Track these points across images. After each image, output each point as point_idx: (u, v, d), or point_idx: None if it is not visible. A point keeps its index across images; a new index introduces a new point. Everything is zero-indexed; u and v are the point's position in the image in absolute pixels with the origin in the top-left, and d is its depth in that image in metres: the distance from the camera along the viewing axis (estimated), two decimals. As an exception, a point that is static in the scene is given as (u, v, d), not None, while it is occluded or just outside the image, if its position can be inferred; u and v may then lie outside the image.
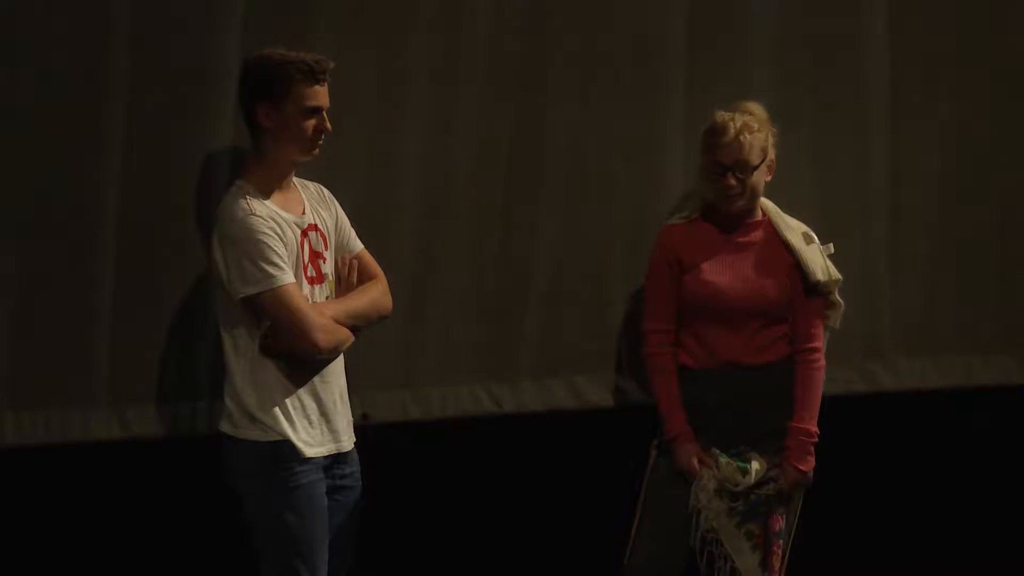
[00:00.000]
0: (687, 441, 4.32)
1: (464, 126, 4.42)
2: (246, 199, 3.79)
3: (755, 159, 4.29)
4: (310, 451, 3.86)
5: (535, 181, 4.53)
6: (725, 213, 4.37)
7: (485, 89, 4.43)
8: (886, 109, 4.87)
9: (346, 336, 3.89)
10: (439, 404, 4.48)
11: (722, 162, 4.29)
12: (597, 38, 4.55)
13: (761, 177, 4.34)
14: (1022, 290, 5.07)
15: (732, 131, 4.28)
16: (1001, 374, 5.10)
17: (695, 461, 4.30)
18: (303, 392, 3.87)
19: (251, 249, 3.74)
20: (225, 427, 3.89)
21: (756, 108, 4.38)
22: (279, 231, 3.79)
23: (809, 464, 4.33)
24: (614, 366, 4.65)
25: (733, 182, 4.29)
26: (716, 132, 4.30)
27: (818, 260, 4.38)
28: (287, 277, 3.76)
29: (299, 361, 3.84)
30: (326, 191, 4.03)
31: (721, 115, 4.33)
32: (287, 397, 3.84)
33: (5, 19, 3.84)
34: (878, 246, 4.89)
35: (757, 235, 4.41)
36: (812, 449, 4.34)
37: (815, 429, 4.34)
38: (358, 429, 4.05)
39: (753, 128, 4.30)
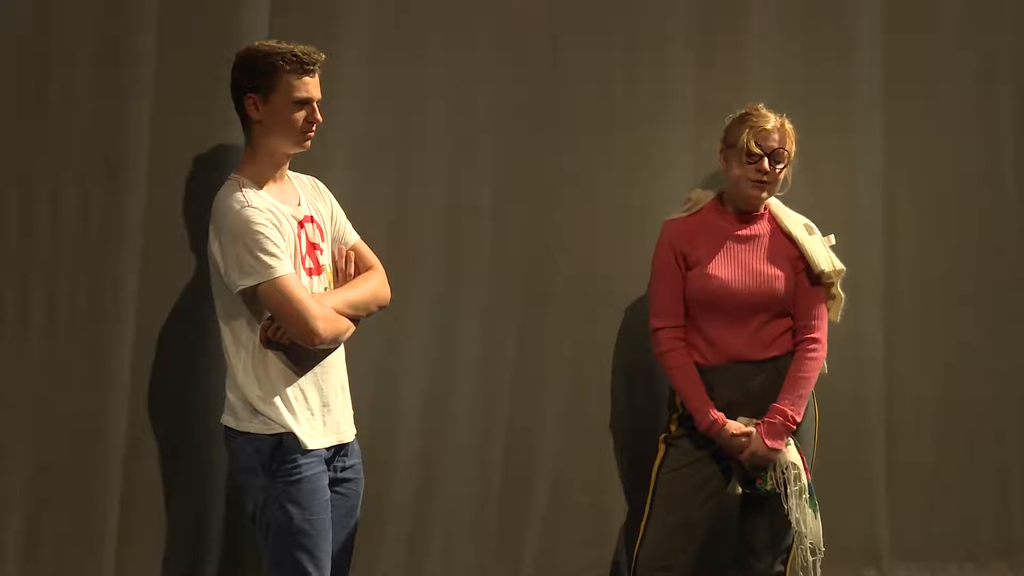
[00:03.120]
0: (724, 423, 4.33)
1: (466, 342, 4.51)
2: (241, 191, 3.80)
3: (792, 151, 4.37)
4: (312, 443, 3.85)
5: (536, 389, 4.61)
6: (747, 204, 4.41)
7: (486, 305, 4.55)
8: (881, 323, 4.94)
9: (346, 326, 3.90)
10: None
11: (763, 147, 4.32)
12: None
13: (784, 173, 4.40)
14: (1018, 497, 5.12)
15: (773, 119, 4.35)
16: None
17: (739, 435, 4.31)
18: (305, 383, 3.88)
19: (248, 240, 3.74)
20: (227, 421, 3.89)
21: (787, 123, 4.43)
22: (276, 222, 3.80)
23: (779, 445, 4.31)
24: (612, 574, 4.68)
25: (768, 167, 4.33)
26: (755, 118, 4.35)
27: (820, 251, 4.41)
28: (286, 267, 3.77)
29: (300, 352, 3.85)
30: (320, 183, 4.05)
31: (758, 105, 4.39)
32: (289, 388, 3.84)
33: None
34: (876, 453, 4.94)
35: (760, 228, 4.43)
36: (786, 434, 4.32)
37: (796, 416, 4.33)
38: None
39: (788, 123, 4.39)
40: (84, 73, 4.01)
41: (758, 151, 4.34)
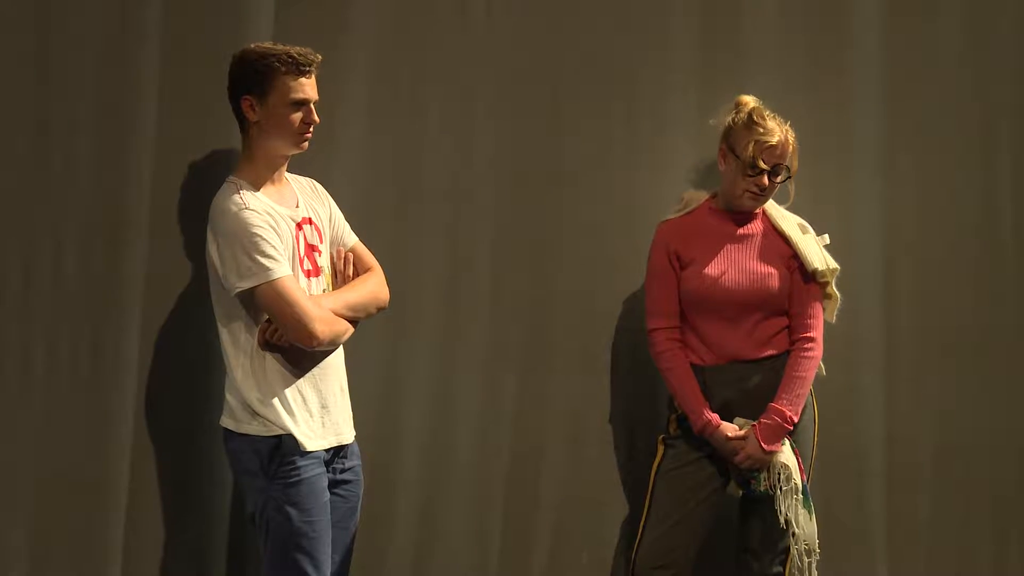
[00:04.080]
0: (719, 425, 4.30)
1: (464, 395, 4.49)
2: (239, 193, 3.80)
3: (794, 165, 4.33)
4: (311, 444, 3.84)
5: (536, 442, 4.58)
6: (737, 211, 4.38)
7: (485, 357, 4.51)
8: (881, 376, 4.89)
9: (345, 328, 3.89)
10: None
11: (766, 163, 4.29)
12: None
13: (782, 184, 4.38)
14: (1016, 550, 5.03)
15: (779, 133, 4.30)
16: None
17: (733, 439, 4.28)
18: (303, 385, 3.87)
19: (246, 243, 3.74)
20: (226, 423, 3.88)
21: (791, 136, 4.36)
22: (274, 224, 3.80)
23: (775, 447, 4.28)
24: None
25: (767, 182, 4.31)
26: (765, 132, 4.29)
27: (814, 249, 4.38)
28: (283, 269, 3.76)
29: (299, 354, 3.84)
30: (319, 185, 4.05)
31: (762, 111, 4.32)
32: (287, 390, 3.84)
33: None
34: (876, 505, 4.89)
35: (755, 227, 4.40)
36: (782, 435, 4.29)
37: (793, 416, 4.29)
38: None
39: (791, 134, 4.34)
40: (85, 114, 4.02)
41: (762, 166, 4.31)
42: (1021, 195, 5.05)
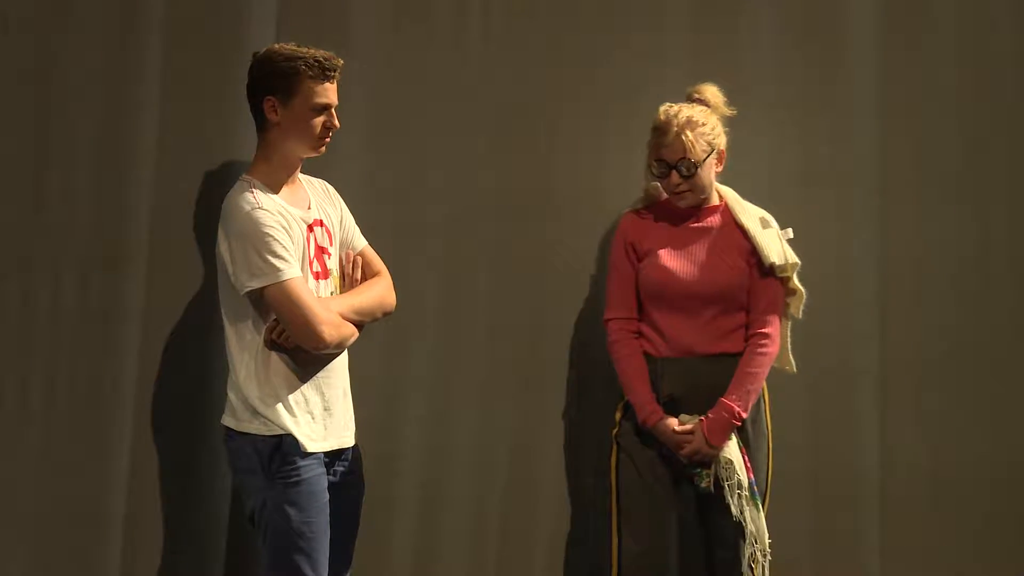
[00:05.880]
0: (662, 418, 4.30)
1: (463, 428, 4.51)
2: (252, 192, 3.80)
3: (700, 155, 4.28)
4: (312, 446, 3.85)
5: (530, 490, 4.61)
6: (695, 205, 4.38)
7: (482, 389, 4.55)
8: (875, 405, 4.90)
9: (351, 332, 3.90)
10: None
11: (666, 160, 4.29)
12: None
13: (709, 171, 4.34)
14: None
15: (674, 128, 4.26)
16: None
17: (680, 432, 4.28)
18: (307, 387, 3.87)
19: (258, 242, 3.74)
20: (228, 421, 3.88)
21: (709, 91, 4.38)
22: (286, 225, 3.80)
23: (720, 442, 4.27)
24: None
25: (678, 179, 4.29)
26: (659, 130, 4.28)
27: (774, 244, 4.34)
28: (293, 271, 3.77)
29: (304, 356, 3.85)
30: (331, 187, 4.06)
31: (665, 110, 4.31)
32: (291, 392, 3.85)
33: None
34: (870, 538, 4.89)
35: (714, 221, 4.39)
36: (730, 430, 4.28)
37: (742, 412, 4.28)
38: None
39: (697, 123, 4.29)
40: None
41: (664, 166, 4.31)
42: (1017, 224, 5.08)
